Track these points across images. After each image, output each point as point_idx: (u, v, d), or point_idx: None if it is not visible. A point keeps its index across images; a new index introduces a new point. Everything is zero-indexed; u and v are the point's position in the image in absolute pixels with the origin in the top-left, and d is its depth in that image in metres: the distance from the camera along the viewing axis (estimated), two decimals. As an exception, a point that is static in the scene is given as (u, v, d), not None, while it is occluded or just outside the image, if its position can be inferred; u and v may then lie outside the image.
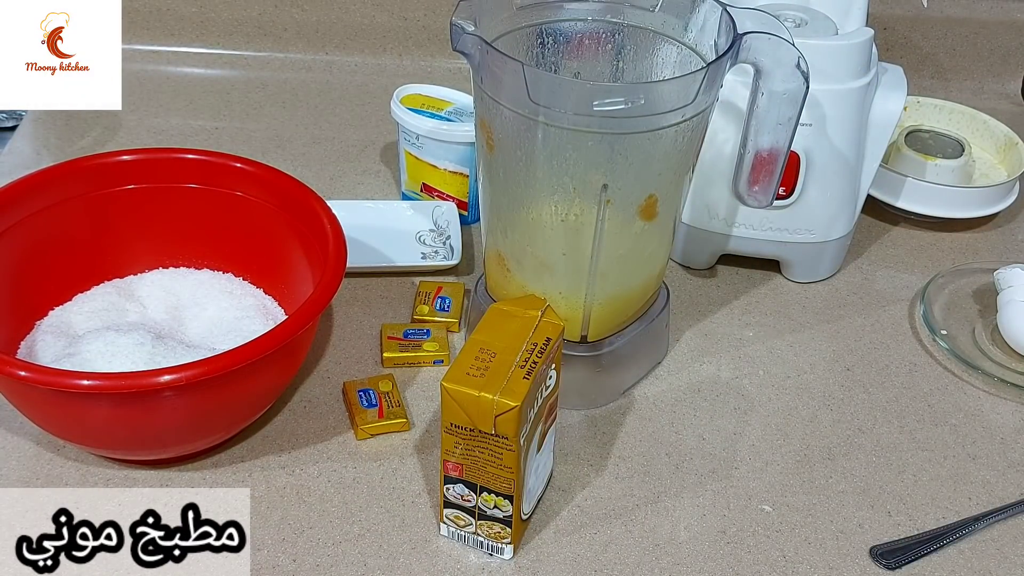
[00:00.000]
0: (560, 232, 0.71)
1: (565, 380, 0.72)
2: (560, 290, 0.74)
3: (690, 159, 0.72)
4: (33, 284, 0.77)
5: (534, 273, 0.74)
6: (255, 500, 0.70)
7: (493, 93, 0.67)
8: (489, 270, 0.79)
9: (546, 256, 0.73)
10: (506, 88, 0.66)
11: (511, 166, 0.70)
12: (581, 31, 0.76)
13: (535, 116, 0.65)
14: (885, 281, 0.95)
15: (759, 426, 0.79)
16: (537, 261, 0.73)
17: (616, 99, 0.63)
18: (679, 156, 0.70)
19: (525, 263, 0.74)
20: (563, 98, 0.65)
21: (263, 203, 0.80)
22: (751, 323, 0.89)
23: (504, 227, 0.75)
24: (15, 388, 0.66)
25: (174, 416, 0.66)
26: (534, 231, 0.73)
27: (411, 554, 0.67)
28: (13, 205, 0.75)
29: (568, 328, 0.74)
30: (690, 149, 0.71)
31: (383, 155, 1.07)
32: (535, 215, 0.72)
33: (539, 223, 0.72)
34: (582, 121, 0.65)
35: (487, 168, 0.73)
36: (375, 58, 1.19)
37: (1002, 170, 1.06)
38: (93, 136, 1.06)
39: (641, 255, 0.75)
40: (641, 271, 0.76)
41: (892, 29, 1.21)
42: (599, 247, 0.71)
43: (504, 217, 0.75)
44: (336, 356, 0.82)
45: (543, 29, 0.75)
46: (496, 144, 0.70)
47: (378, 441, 0.75)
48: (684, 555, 0.68)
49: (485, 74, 0.67)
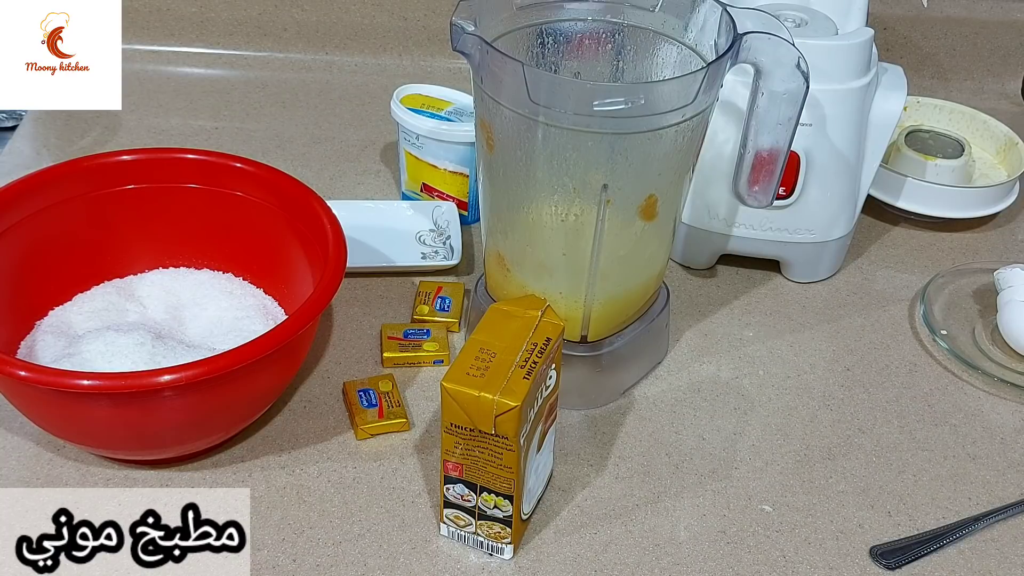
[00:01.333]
0: (560, 232, 0.71)
1: (565, 380, 0.72)
2: (560, 290, 0.73)
3: (690, 159, 0.72)
4: (33, 284, 0.77)
5: (534, 273, 0.74)
6: (255, 500, 0.70)
7: (493, 93, 0.67)
8: (489, 270, 0.79)
9: (546, 256, 0.73)
10: (506, 88, 0.66)
11: (511, 166, 0.70)
12: (581, 31, 0.76)
13: (535, 116, 0.65)
14: (885, 281, 0.95)
15: (759, 426, 0.79)
16: (537, 261, 0.73)
17: (616, 99, 0.63)
18: (679, 156, 0.70)
19: (525, 263, 0.74)
20: (563, 98, 0.65)
21: (263, 203, 0.80)
22: (751, 323, 0.89)
23: (504, 227, 0.75)
24: (15, 388, 0.66)
25: (174, 416, 0.66)
26: (534, 231, 0.72)
27: (411, 554, 0.67)
28: (13, 205, 0.75)
29: (568, 328, 0.74)
30: (690, 149, 0.71)
31: (383, 155, 1.07)
32: (535, 215, 0.72)
33: (539, 223, 0.72)
34: (582, 121, 0.65)
35: (487, 168, 0.73)
36: (375, 58, 1.19)
37: (1002, 170, 1.06)
38: (93, 136, 1.06)
39: (641, 255, 0.75)
40: (641, 271, 0.76)
41: (892, 29, 1.21)
42: (599, 247, 0.71)
43: (504, 217, 0.75)
44: (336, 356, 0.82)
45: (543, 29, 0.75)
46: (496, 144, 0.70)
47: (378, 441, 0.75)
48: (684, 555, 0.68)
49: (485, 74, 0.67)
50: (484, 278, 0.81)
